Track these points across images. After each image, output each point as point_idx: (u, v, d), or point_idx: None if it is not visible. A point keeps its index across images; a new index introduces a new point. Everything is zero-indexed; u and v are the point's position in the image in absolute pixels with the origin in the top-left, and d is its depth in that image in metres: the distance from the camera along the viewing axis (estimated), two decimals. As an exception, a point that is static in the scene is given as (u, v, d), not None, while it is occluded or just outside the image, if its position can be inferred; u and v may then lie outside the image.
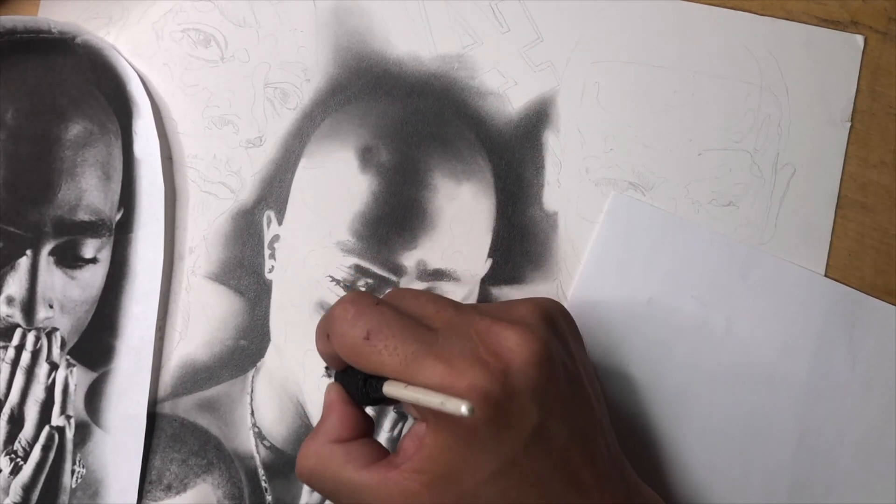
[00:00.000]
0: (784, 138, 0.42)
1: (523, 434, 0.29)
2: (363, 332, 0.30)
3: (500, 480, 0.29)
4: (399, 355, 0.29)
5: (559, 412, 0.30)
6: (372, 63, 0.43)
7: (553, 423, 0.30)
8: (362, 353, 0.30)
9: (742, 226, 0.41)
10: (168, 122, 0.44)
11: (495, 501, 0.29)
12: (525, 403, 0.29)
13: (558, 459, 0.30)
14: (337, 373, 0.34)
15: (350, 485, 0.31)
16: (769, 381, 0.40)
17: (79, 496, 0.42)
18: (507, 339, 0.30)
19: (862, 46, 0.42)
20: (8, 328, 0.43)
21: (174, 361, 0.43)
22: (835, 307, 0.40)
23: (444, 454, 0.29)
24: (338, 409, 0.33)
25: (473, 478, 0.29)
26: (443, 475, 0.29)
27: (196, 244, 0.43)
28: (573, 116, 0.43)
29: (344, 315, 0.31)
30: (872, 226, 0.41)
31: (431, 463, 0.29)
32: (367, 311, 0.31)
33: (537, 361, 0.30)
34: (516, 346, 0.30)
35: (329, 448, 0.32)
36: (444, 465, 0.29)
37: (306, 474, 0.32)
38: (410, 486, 0.29)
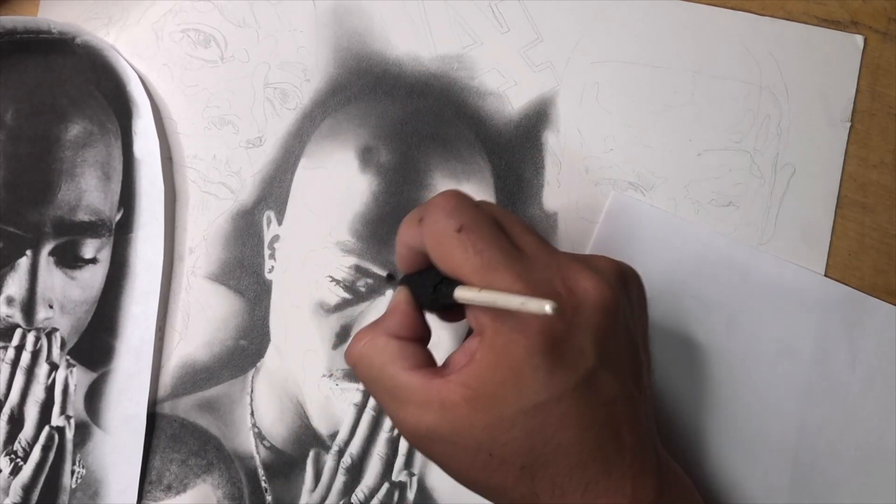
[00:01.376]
0: (784, 138, 0.42)
1: (576, 374, 0.29)
2: (457, 225, 0.30)
3: (541, 414, 0.29)
4: (483, 258, 0.29)
5: (614, 365, 0.30)
6: (372, 63, 0.43)
7: (606, 374, 0.30)
8: (450, 243, 0.30)
9: (742, 226, 0.41)
10: (168, 122, 0.44)
11: (531, 433, 0.29)
12: (584, 345, 0.29)
13: (602, 410, 0.30)
14: (406, 275, 0.34)
15: (393, 380, 0.30)
16: (770, 380, 0.40)
17: (79, 496, 0.42)
18: (584, 279, 0.30)
19: (862, 46, 0.42)
20: (8, 328, 0.43)
21: (174, 362, 0.43)
22: (835, 307, 0.40)
23: (492, 373, 0.29)
24: (402, 310, 0.32)
25: (516, 405, 0.29)
26: (486, 394, 0.29)
27: (196, 244, 0.43)
28: (573, 117, 0.43)
29: (444, 203, 0.31)
30: (872, 226, 0.41)
31: (477, 379, 0.29)
32: (466, 208, 0.31)
33: (605, 309, 0.30)
34: (591, 289, 0.30)
35: (384, 339, 0.31)
36: (490, 384, 0.29)
37: (354, 357, 0.32)
38: (451, 396, 0.29)
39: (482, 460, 0.29)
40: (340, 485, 0.41)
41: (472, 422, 0.29)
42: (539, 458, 0.29)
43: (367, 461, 0.41)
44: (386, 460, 0.41)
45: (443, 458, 0.31)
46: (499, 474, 0.30)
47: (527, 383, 0.28)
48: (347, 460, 0.41)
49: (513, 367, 0.29)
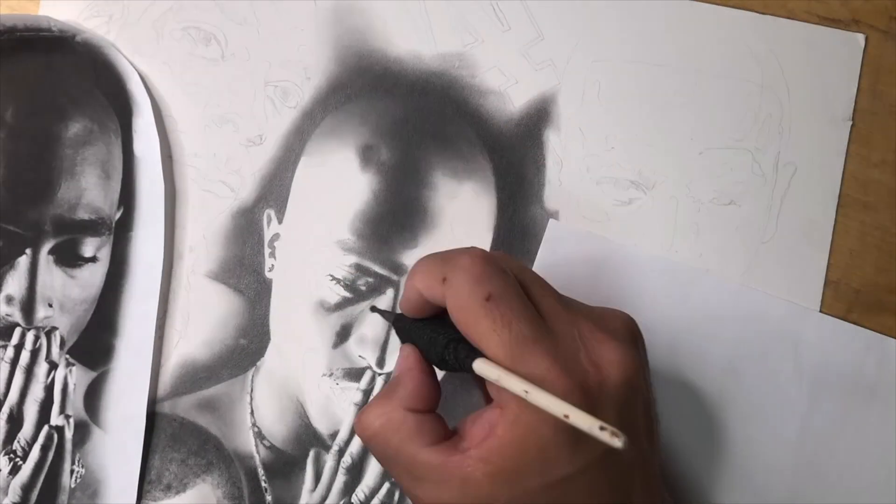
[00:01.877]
0: (785, 137, 0.42)
1: (600, 448, 0.28)
2: (486, 293, 0.29)
3: (563, 487, 0.28)
4: (511, 332, 0.28)
5: (633, 431, 0.30)
6: (372, 61, 0.43)
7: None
8: (478, 312, 0.29)
9: (743, 225, 0.41)
10: (168, 120, 0.44)
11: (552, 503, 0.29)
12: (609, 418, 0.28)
13: (620, 478, 0.30)
14: (407, 323, 0.33)
15: (412, 459, 0.30)
16: (716, 401, 0.40)
17: (78, 496, 0.42)
18: (610, 352, 0.29)
19: (863, 45, 0.42)
20: (7, 327, 0.43)
21: (174, 361, 0.43)
22: (779, 324, 0.40)
23: (516, 450, 0.28)
24: (416, 377, 0.31)
25: (539, 479, 0.28)
26: (509, 470, 0.28)
27: (196, 243, 0.43)
28: (574, 115, 0.43)
29: (472, 267, 0.30)
30: (874, 224, 0.41)
31: (500, 455, 0.28)
32: (495, 275, 0.30)
33: (629, 383, 0.29)
34: (617, 363, 0.29)
35: (401, 415, 0.30)
36: (514, 460, 0.28)
37: (369, 434, 0.31)
38: (473, 473, 0.28)
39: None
40: (341, 484, 0.41)
41: (494, 497, 0.28)
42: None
43: (367, 461, 0.41)
44: (386, 459, 0.41)
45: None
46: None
47: (552, 459, 0.28)
48: (348, 460, 0.41)
49: (539, 444, 0.28)
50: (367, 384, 0.42)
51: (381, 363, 0.42)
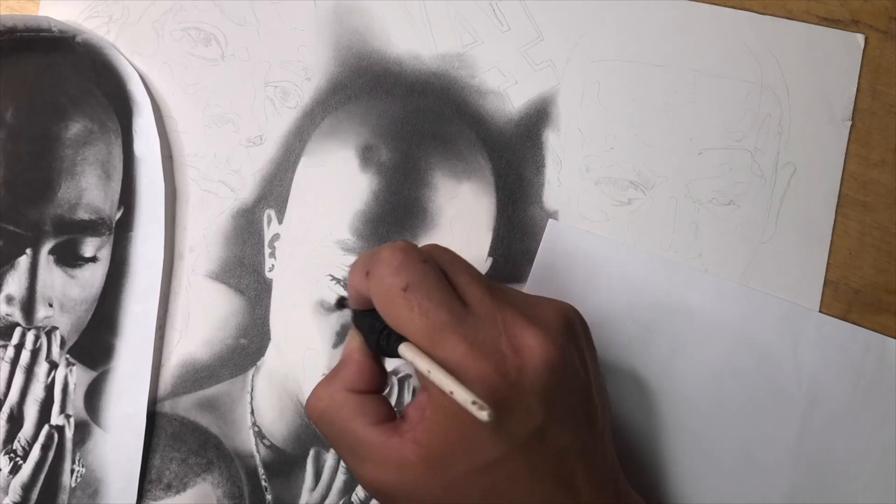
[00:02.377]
0: (785, 137, 0.42)
1: (523, 432, 0.29)
2: (403, 283, 0.30)
3: (492, 472, 0.29)
4: (428, 319, 0.29)
5: (563, 419, 0.30)
6: (372, 62, 0.43)
7: (555, 428, 0.30)
8: (395, 303, 0.30)
9: (742, 225, 0.41)
10: (168, 120, 0.44)
11: (485, 492, 0.29)
12: (531, 404, 0.29)
13: (554, 462, 0.30)
14: (356, 313, 0.34)
15: (354, 437, 0.31)
16: (717, 401, 0.40)
17: (78, 495, 0.42)
18: (530, 336, 0.30)
19: (862, 45, 0.42)
20: (7, 327, 0.43)
21: (174, 360, 0.43)
22: (778, 323, 0.40)
23: (442, 432, 0.29)
24: (357, 360, 0.32)
25: (467, 464, 0.29)
26: (438, 454, 0.29)
27: (196, 243, 0.43)
28: (573, 115, 0.43)
29: (391, 259, 0.30)
30: (873, 224, 0.41)
31: (430, 438, 0.29)
32: (413, 264, 0.30)
33: (552, 367, 0.30)
34: (537, 348, 0.30)
35: (343, 395, 0.32)
36: (441, 444, 0.29)
37: (316, 415, 0.32)
38: (408, 456, 0.29)
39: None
40: (341, 483, 0.41)
41: (427, 482, 0.29)
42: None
43: (367, 460, 0.41)
44: (386, 459, 0.41)
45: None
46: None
47: (475, 444, 0.29)
48: (348, 459, 0.41)
49: (460, 428, 0.29)
50: (367, 384, 0.42)
51: (380, 363, 0.42)
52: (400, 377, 0.42)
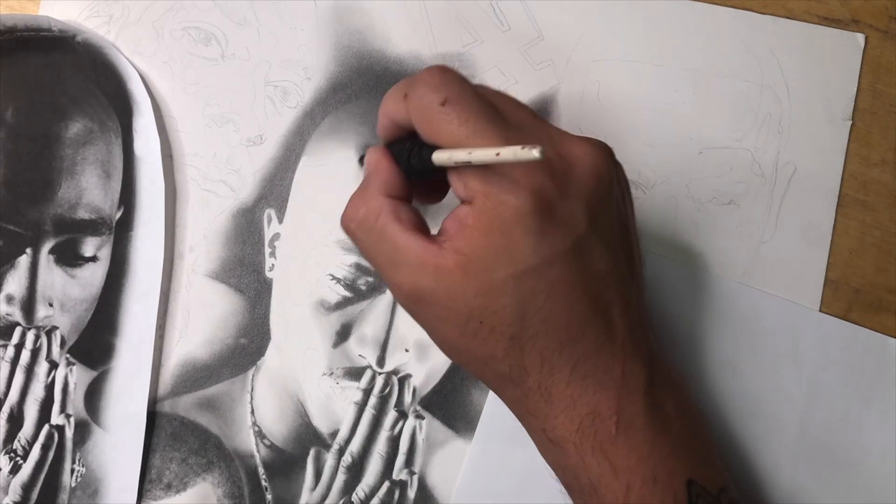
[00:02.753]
0: (785, 137, 0.42)
1: (567, 239, 0.29)
2: (441, 98, 0.29)
3: (531, 279, 0.28)
4: (468, 127, 0.29)
5: (606, 237, 0.30)
6: (373, 61, 0.43)
7: (597, 245, 0.29)
8: (435, 117, 0.29)
9: (743, 224, 0.41)
10: (168, 120, 0.44)
11: (521, 300, 0.29)
12: (576, 210, 0.29)
13: (593, 283, 0.29)
14: (385, 143, 0.33)
15: (393, 242, 0.30)
16: (716, 401, 0.40)
17: (78, 495, 0.42)
18: (577, 146, 0.29)
19: (863, 45, 0.42)
20: (8, 326, 0.43)
21: (174, 360, 0.43)
22: (779, 323, 0.40)
23: (483, 238, 0.28)
24: (385, 167, 0.32)
25: (507, 269, 0.28)
26: (477, 258, 0.28)
27: (196, 242, 0.43)
28: (574, 115, 0.43)
29: (429, 78, 0.30)
30: (873, 224, 0.41)
31: (469, 244, 0.29)
32: (452, 81, 0.30)
33: (598, 175, 0.29)
34: (584, 155, 0.29)
35: (381, 200, 0.31)
36: (482, 248, 0.28)
37: (354, 224, 0.31)
38: (445, 263, 0.29)
39: (473, 328, 0.29)
40: (341, 483, 0.41)
41: (464, 288, 0.29)
42: (529, 328, 0.29)
43: (367, 459, 0.41)
44: (386, 459, 0.41)
45: (435, 324, 0.31)
46: (488, 343, 0.30)
47: (517, 247, 0.28)
48: (348, 459, 0.41)
49: (503, 230, 0.28)
50: (368, 383, 0.42)
51: (381, 362, 0.42)
52: (400, 377, 0.42)
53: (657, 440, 0.30)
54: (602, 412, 0.30)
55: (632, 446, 0.30)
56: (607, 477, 0.30)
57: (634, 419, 0.30)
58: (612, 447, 0.30)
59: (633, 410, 0.30)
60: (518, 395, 0.31)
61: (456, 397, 0.41)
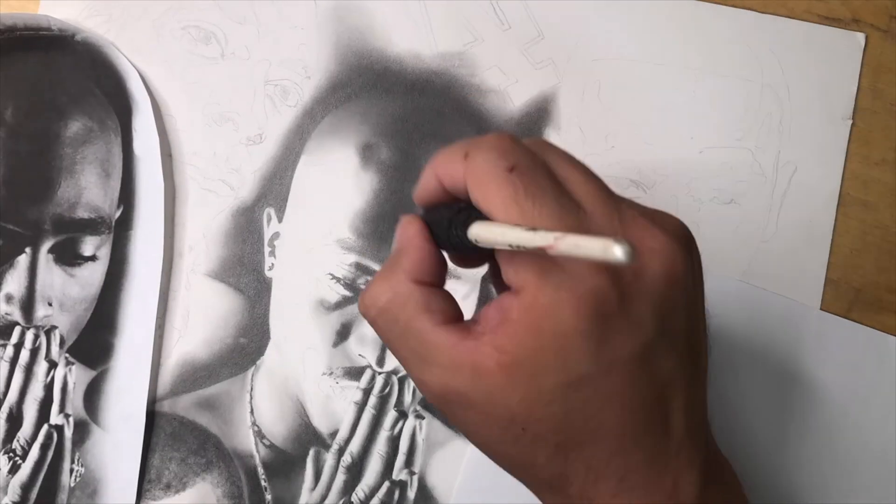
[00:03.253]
0: (785, 136, 0.42)
1: (629, 346, 0.25)
2: (510, 164, 0.26)
3: (585, 388, 0.25)
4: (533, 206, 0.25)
5: (674, 341, 0.26)
6: (372, 60, 0.43)
7: (663, 350, 0.26)
8: (498, 182, 0.25)
9: (743, 223, 0.41)
10: (168, 119, 0.44)
11: (571, 409, 0.25)
12: (643, 315, 0.25)
13: (655, 389, 0.26)
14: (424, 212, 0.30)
15: (420, 338, 0.27)
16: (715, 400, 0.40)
17: (77, 495, 0.41)
18: (650, 238, 0.26)
19: (863, 44, 0.42)
20: (7, 326, 0.43)
21: (173, 360, 0.43)
22: (779, 321, 0.40)
23: (532, 338, 0.25)
24: (419, 245, 0.28)
25: (557, 376, 0.25)
26: (524, 361, 0.25)
27: (196, 242, 0.43)
28: (574, 114, 0.43)
29: (497, 142, 0.27)
30: (874, 223, 0.41)
31: (514, 343, 0.25)
32: (522, 150, 0.27)
33: (672, 277, 0.26)
34: (658, 251, 0.26)
35: (408, 288, 0.27)
36: (529, 349, 0.25)
37: (374, 312, 0.28)
38: (485, 362, 0.25)
39: (514, 434, 0.26)
40: (340, 483, 0.41)
41: (506, 392, 0.25)
42: (576, 437, 0.26)
43: (367, 460, 0.41)
44: (386, 459, 0.41)
45: (469, 427, 0.28)
46: (529, 451, 0.27)
47: (572, 353, 0.25)
48: (347, 459, 0.41)
49: (557, 332, 0.25)
50: (368, 383, 0.42)
51: (381, 362, 0.42)
52: (400, 377, 0.41)
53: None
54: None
55: None
56: None
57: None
58: None
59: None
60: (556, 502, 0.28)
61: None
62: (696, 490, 0.27)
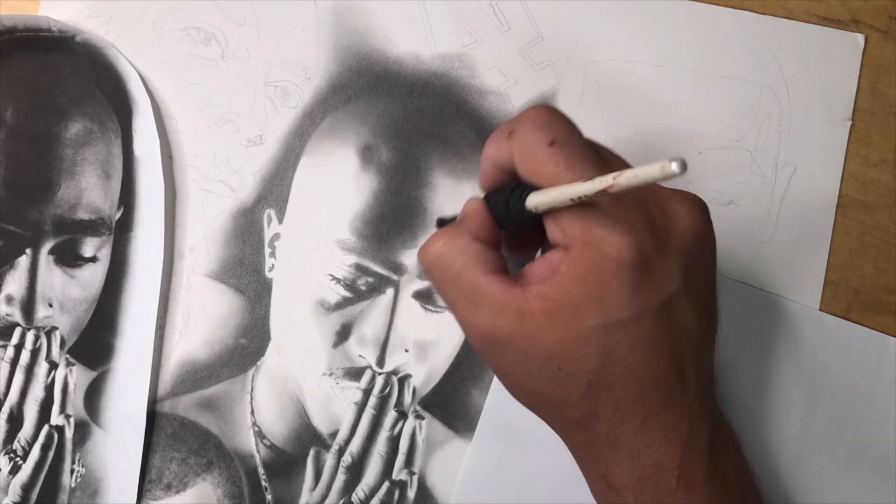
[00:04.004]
0: (785, 137, 0.42)
1: (660, 296, 0.28)
2: (549, 138, 0.29)
3: (619, 332, 0.28)
4: (575, 171, 0.28)
5: (695, 296, 0.30)
6: (372, 62, 0.43)
7: (687, 303, 0.29)
8: (540, 157, 0.29)
9: (743, 224, 0.41)
10: (168, 120, 0.44)
11: (605, 351, 0.28)
12: (672, 268, 0.29)
13: (676, 341, 0.29)
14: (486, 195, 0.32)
15: (471, 284, 0.30)
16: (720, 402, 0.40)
17: (78, 495, 0.42)
18: (680, 203, 0.30)
19: (863, 45, 0.42)
20: (7, 327, 0.43)
21: (174, 360, 0.43)
22: (778, 322, 0.40)
23: (576, 286, 0.28)
24: (479, 211, 0.31)
25: (595, 319, 0.28)
26: (567, 305, 0.28)
27: (196, 242, 0.43)
28: (574, 115, 0.42)
29: (537, 117, 0.30)
30: (873, 224, 0.41)
31: (559, 291, 0.28)
32: (560, 123, 0.30)
33: (698, 235, 0.29)
34: (685, 214, 0.29)
35: (465, 240, 0.30)
36: (573, 297, 0.28)
37: (433, 258, 0.31)
38: (529, 307, 0.28)
39: (550, 373, 0.29)
40: (341, 483, 0.41)
41: (547, 333, 0.28)
42: (607, 377, 0.29)
43: (367, 460, 0.41)
44: (386, 459, 0.41)
45: (508, 367, 0.30)
46: (563, 389, 0.29)
47: (611, 298, 0.28)
48: (348, 459, 0.41)
49: (599, 280, 0.28)
50: (368, 383, 0.42)
51: (381, 362, 0.42)
52: (400, 377, 0.42)
53: (715, 497, 0.30)
54: (665, 465, 0.30)
55: (690, 500, 0.30)
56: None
57: (695, 475, 0.30)
58: (670, 500, 0.30)
59: (695, 466, 0.30)
60: (584, 441, 0.31)
61: (456, 397, 0.41)
62: (707, 439, 0.30)
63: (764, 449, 0.40)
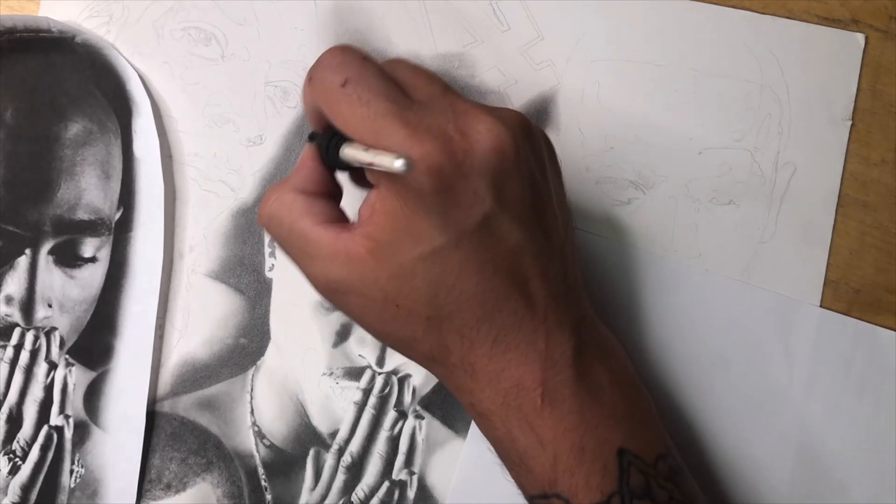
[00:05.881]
0: (785, 137, 0.42)
1: (471, 218, 0.29)
2: (341, 79, 0.29)
3: (440, 260, 0.29)
4: (368, 109, 0.29)
5: (515, 212, 0.30)
6: (372, 61, 0.43)
7: (506, 220, 0.29)
8: (336, 99, 0.29)
9: (742, 224, 0.41)
10: (168, 120, 0.44)
11: (432, 281, 0.29)
12: (478, 188, 0.29)
13: (506, 259, 0.30)
14: (312, 133, 0.33)
15: (303, 236, 0.30)
16: (710, 395, 0.40)
17: (77, 496, 0.42)
18: (480, 122, 0.29)
19: (863, 45, 0.42)
20: (7, 327, 0.43)
21: (174, 360, 0.43)
22: (770, 315, 0.40)
23: (389, 221, 0.29)
24: (307, 164, 0.32)
25: (414, 251, 0.29)
26: (386, 243, 0.29)
27: (196, 242, 0.43)
28: (573, 115, 0.43)
29: (329, 60, 0.30)
30: (873, 224, 0.41)
31: (378, 229, 0.29)
32: (352, 61, 0.30)
33: (501, 152, 0.29)
34: (486, 131, 0.29)
35: (291, 196, 0.31)
36: (389, 232, 0.29)
37: (266, 218, 0.32)
38: (356, 249, 0.29)
39: (391, 312, 0.30)
40: (340, 483, 0.41)
41: (376, 273, 0.29)
42: (443, 308, 0.29)
43: (367, 459, 0.41)
44: (386, 459, 0.41)
45: (356, 312, 0.31)
46: (408, 326, 0.30)
47: (422, 228, 0.29)
48: (347, 459, 0.41)
49: (406, 212, 0.29)
50: (367, 383, 0.42)
51: (380, 362, 0.42)
52: (400, 377, 0.42)
53: (585, 410, 0.30)
54: (526, 385, 0.30)
55: (558, 417, 0.30)
56: (534, 448, 0.30)
57: (560, 390, 0.30)
58: (537, 419, 0.30)
59: (559, 381, 0.30)
60: (444, 373, 0.32)
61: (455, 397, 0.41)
62: (569, 350, 0.30)
63: (762, 447, 0.40)
